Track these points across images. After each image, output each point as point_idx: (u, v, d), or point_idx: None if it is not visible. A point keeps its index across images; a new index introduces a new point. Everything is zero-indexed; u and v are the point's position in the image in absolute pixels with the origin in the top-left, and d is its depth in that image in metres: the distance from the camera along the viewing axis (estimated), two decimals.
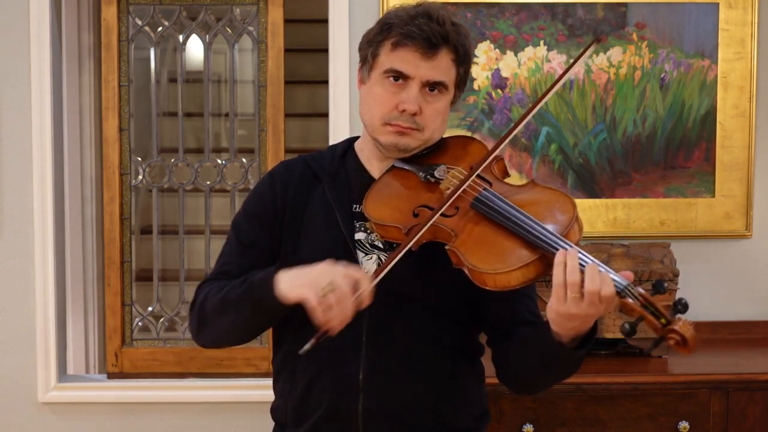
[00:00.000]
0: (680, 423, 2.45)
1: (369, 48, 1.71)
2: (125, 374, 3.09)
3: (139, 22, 3.08)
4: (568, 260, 1.48)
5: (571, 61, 1.69)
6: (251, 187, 3.09)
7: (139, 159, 3.16)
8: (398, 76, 1.67)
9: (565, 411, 2.45)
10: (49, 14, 2.87)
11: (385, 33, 1.68)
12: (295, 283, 1.55)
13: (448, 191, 1.65)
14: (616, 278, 1.48)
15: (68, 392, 2.99)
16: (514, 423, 2.43)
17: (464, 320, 1.75)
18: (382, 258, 1.70)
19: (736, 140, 2.93)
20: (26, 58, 2.88)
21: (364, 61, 1.73)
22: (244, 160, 3.17)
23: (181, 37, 3.15)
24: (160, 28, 3.12)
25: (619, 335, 2.65)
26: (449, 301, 1.71)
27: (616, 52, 2.91)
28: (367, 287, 1.51)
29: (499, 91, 2.90)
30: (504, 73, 2.90)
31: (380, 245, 1.71)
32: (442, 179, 1.69)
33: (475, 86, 2.90)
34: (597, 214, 2.93)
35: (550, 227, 1.54)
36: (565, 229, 1.54)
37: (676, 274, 2.65)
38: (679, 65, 2.92)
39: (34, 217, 2.92)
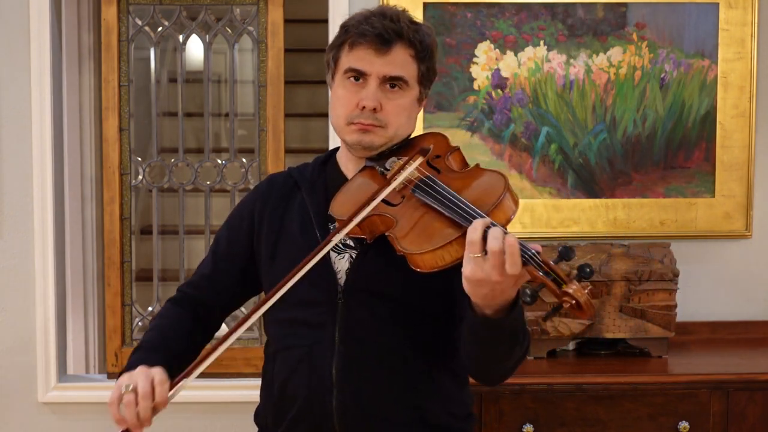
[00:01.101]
0: (680, 423, 2.45)
1: (330, 53, 1.77)
2: None
3: (139, 22, 3.07)
4: (474, 223, 1.46)
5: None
6: (251, 187, 3.09)
7: (139, 159, 3.16)
8: (357, 75, 1.71)
9: (565, 411, 2.45)
10: (49, 14, 2.87)
11: (343, 36, 1.74)
12: (117, 382, 1.64)
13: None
14: (522, 246, 1.44)
15: (68, 392, 2.99)
16: (514, 423, 2.43)
17: (439, 316, 1.74)
18: (353, 255, 1.73)
19: (736, 140, 2.93)
20: (26, 58, 2.88)
21: (327, 66, 1.79)
22: (244, 160, 3.17)
23: (181, 37, 3.15)
24: (160, 28, 3.12)
25: (620, 335, 2.65)
26: (417, 295, 1.71)
27: (616, 52, 2.91)
28: (161, 393, 1.58)
29: (499, 91, 2.90)
30: (504, 73, 2.90)
31: (351, 244, 1.74)
32: (390, 169, 1.71)
33: (475, 86, 2.90)
34: (597, 214, 2.93)
35: (478, 205, 1.54)
36: (492, 205, 1.54)
37: (676, 274, 2.65)
38: (679, 65, 2.92)
39: (34, 217, 2.92)
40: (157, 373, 1.60)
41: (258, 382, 3.00)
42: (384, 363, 1.71)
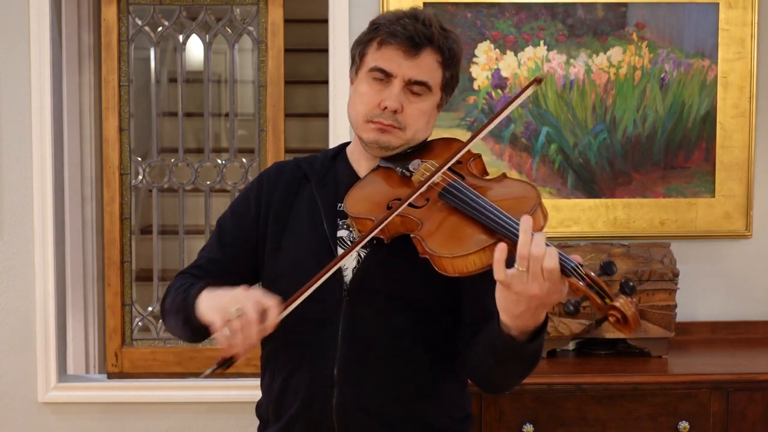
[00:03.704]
0: (680, 423, 2.45)
1: (357, 48, 1.77)
2: (125, 374, 3.09)
3: (139, 22, 3.07)
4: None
5: (521, 91, 1.69)
6: None
7: (139, 159, 3.16)
8: (382, 74, 1.71)
9: (565, 411, 2.45)
10: (49, 14, 2.87)
11: (373, 33, 1.74)
12: (207, 306, 1.60)
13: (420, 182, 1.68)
14: (563, 257, 1.45)
15: (68, 392, 2.98)
16: (514, 423, 2.43)
17: (443, 319, 1.74)
18: (362, 254, 1.72)
19: (736, 140, 2.93)
20: (26, 58, 2.88)
21: (353, 60, 1.79)
22: (244, 160, 3.17)
23: (181, 37, 3.15)
24: (160, 28, 3.12)
25: (620, 335, 2.65)
26: (424, 297, 1.72)
27: (616, 52, 2.91)
28: (273, 317, 1.52)
29: (499, 91, 2.90)
30: (504, 73, 2.90)
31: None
32: (414, 172, 1.71)
33: (475, 86, 2.90)
34: (597, 214, 2.93)
35: (511, 214, 1.54)
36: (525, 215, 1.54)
37: (676, 274, 2.65)
38: (679, 65, 2.92)
39: (34, 217, 2.92)
40: (263, 294, 1.53)
41: (258, 382, 3.01)
42: (386, 364, 1.71)
